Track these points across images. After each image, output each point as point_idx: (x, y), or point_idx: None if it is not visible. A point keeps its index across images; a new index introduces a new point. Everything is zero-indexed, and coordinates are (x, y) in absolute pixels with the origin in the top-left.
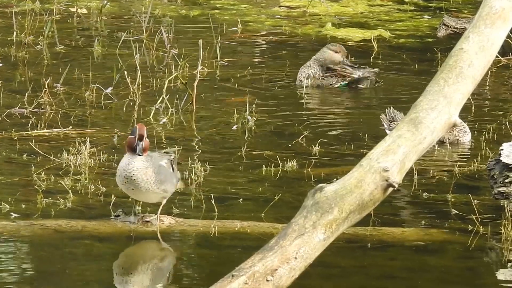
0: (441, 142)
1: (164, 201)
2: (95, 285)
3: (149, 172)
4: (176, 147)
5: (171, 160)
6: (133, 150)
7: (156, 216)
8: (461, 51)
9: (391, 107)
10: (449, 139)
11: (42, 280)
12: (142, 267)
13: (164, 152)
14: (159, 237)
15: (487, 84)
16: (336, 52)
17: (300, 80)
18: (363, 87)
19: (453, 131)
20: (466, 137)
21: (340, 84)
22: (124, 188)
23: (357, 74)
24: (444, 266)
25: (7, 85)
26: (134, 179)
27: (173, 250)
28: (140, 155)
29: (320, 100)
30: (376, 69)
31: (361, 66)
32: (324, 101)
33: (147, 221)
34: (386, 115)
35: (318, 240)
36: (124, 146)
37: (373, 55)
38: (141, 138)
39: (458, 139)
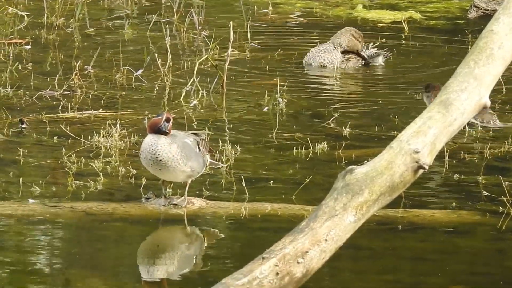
0: (471, 124)
1: (189, 181)
2: (126, 267)
3: (173, 149)
4: (207, 130)
5: (198, 141)
6: (156, 131)
7: (183, 197)
8: (491, 33)
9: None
10: (483, 121)
11: (72, 262)
12: (172, 249)
13: (192, 133)
14: (185, 219)
15: None
16: (359, 40)
17: (324, 65)
18: (378, 63)
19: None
20: (497, 121)
21: (362, 65)
22: (151, 169)
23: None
24: (475, 248)
25: (38, 68)
26: (160, 160)
27: (203, 232)
28: (165, 132)
29: (349, 82)
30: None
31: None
32: (352, 83)
33: (175, 204)
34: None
35: (349, 222)
36: (147, 127)
37: (404, 36)
38: (168, 120)
39: (490, 121)
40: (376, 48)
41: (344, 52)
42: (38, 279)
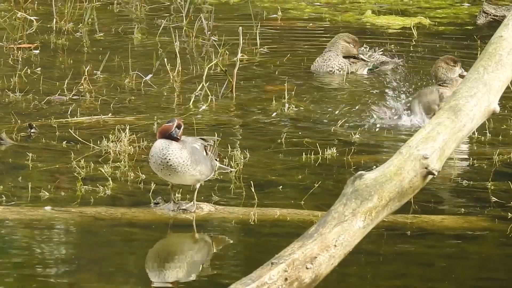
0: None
1: (198, 186)
2: (135, 272)
3: (184, 154)
4: (216, 136)
5: (205, 146)
6: (167, 137)
7: (192, 203)
8: (501, 39)
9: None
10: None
11: (81, 267)
12: (181, 254)
13: (201, 138)
14: (194, 224)
15: None
16: (352, 45)
17: (332, 72)
18: (388, 68)
19: None
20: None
21: (368, 69)
22: (161, 174)
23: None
24: (484, 254)
25: (47, 73)
26: (170, 164)
27: (212, 237)
28: (177, 138)
29: (357, 88)
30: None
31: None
32: (361, 88)
33: (184, 209)
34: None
35: (358, 227)
36: (157, 133)
37: (413, 42)
38: (179, 126)
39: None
40: (383, 54)
41: (345, 58)
42: (47, 284)
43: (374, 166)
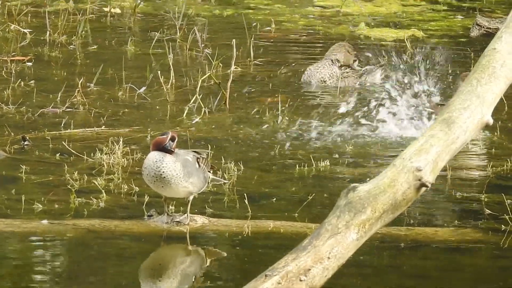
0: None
1: (191, 198)
2: (128, 284)
3: (177, 167)
4: (209, 149)
5: (198, 158)
6: (160, 149)
7: (186, 215)
8: (494, 51)
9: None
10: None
11: (74, 280)
12: (174, 266)
13: (193, 151)
14: (188, 237)
15: None
16: (352, 55)
17: (324, 81)
18: (378, 81)
19: None
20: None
21: (359, 82)
22: (153, 186)
23: (361, 70)
24: (477, 266)
25: (40, 85)
26: (164, 177)
27: (206, 249)
28: (170, 150)
29: (350, 100)
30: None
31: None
32: (354, 100)
33: (178, 221)
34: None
35: (351, 240)
36: (151, 145)
37: (407, 55)
38: (173, 139)
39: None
40: (372, 65)
41: (340, 67)
42: None
43: (368, 178)
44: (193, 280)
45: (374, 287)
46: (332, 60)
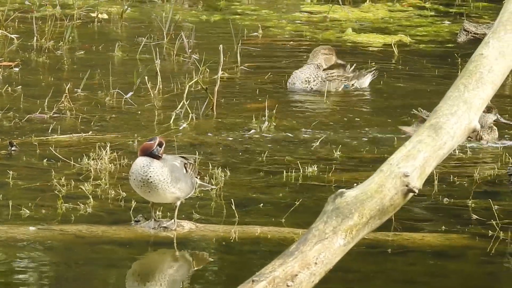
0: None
1: (178, 203)
2: None
3: (165, 172)
4: (197, 154)
5: (185, 164)
6: (148, 155)
7: (173, 220)
8: (481, 57)
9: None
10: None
11: (62, 285)
12: (161, 272)
13: (181, 156)
14: (175, 242)
15: (506, 89)
16: (330, 54)
17: (308, 81)
18: (364, 86)
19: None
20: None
21: (344, 86)
22: (140, 191)
23: (350, 74)
24: (464, 271)
25: (28, 90)
26: (151, 182)
27: (193, 255)
28: (158, 156)
29: (338, 106)
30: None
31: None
32: (341, 106)
33: (165, 227)
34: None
35: (339, 245)
36: (138, 150)
37: (394, 60)
38: (161, 144)
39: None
40: (356, 68)
41: (325, 69)
42: None
43: (355, 184)
44: (180, 285)
45: None
46: (317, 65)
